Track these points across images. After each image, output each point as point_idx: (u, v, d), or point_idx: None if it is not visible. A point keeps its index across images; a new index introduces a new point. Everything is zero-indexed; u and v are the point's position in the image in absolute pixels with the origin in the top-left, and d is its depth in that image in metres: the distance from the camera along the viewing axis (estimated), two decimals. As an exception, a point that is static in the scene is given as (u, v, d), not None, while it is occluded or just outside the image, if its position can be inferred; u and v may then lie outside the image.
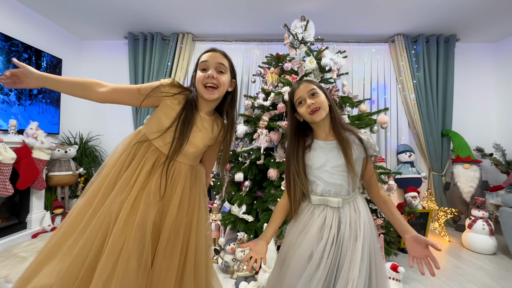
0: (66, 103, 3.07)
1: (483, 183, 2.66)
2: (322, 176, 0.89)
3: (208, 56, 0.93)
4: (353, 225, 0.84)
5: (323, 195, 0.88)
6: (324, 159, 0.89)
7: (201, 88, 0.93)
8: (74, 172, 2.80)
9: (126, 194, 0.85)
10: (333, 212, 0.86)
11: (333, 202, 0.86)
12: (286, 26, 2.38)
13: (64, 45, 3.10)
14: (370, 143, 0.91)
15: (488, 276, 1.81)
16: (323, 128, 0.94)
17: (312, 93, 0.91)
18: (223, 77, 0.94)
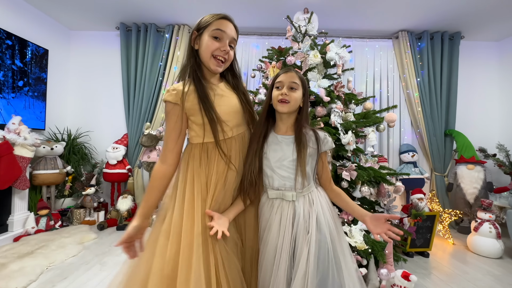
0: (53, 97, 2.89)
1: (488, 184, 2.60)
2: (278, 171, 0.91)
3: (226, 27, 0.89)
4: (306, 218, 0.87)
5: (279, 189, 0.91)
6: (281, 154, 0.91)
7: (208, 57, 0.89)
8: (61, 171, 2.63)
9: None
10: (288, 206, 0.89)
11: (288, 195, 0.89)
12: (289, 18, 2.25)
13: (52, 35, 2.91)
14: (326, 140, 0.94)
15: (498, 282, 1.74)
16: (285, 122, 0.95)
17: (291, 86, 0.91)
18: (231, 52, 0.93)
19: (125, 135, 3.01)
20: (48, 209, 2.48)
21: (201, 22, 0.90)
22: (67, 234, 2.30)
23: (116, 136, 3.04)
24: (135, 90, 2.94)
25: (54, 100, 2.91)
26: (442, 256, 2.15)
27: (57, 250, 1.98)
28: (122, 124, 3.10)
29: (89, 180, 2.81)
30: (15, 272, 1.63)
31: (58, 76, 2.96)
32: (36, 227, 2.36)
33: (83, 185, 2.77)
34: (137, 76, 2.94)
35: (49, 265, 1.78)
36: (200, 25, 0.89)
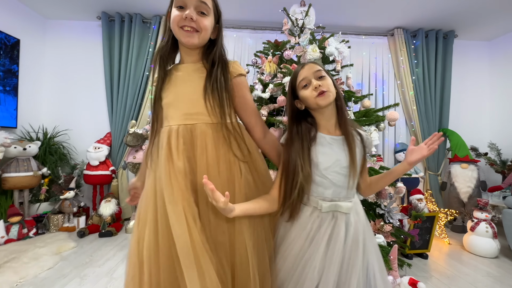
0: (25, 92, 2.63)
1: (481, 183, 2.60)
2: (330, 178, 0.78)
3: None
4: (355, 230, 0.78)
5: (333, 200, 0.79)
6: (334, 158, 0.79)
7: (177, 30, 0.77)
8: (35, 173, 2.39)
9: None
10: (343, 219, 0.78)
11: (343, 207, 0.77)
12: (285, 10, 2.13)
13: (24, 23, 2.64)
14: (369, 141, 0.86)
15: (498, 284, 1.71)
16: (329, 118, 0.83)
17: (319, 75, 0.80)
18: (205, 20, 0.76)
19: (108, 133, 2.79)
20: (20, 215, 2.24)
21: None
22: (42, 244, 2.08)
23: (98, 135, 2.82)
24: (119, 85, 2.73)
25: (27, 96, 2.65)
26: (440, 257, 2.12)
27: (30, 263, 1.77)
28: (104, 122, 2.88)
29: (68, 183, 2.58)
30: (-22, 291, 1.42)
31: (31, 69, 2.70)
32: (6, 236, 2.12)
33: (61, 188, 2.54)
34: (121, 71, 2.73)
35: (19, 281, 1.58)
36: (170, 2, 0.80)
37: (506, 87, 3.02)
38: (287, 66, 1.80)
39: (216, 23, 0.82)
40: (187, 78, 0.80)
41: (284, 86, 1.76)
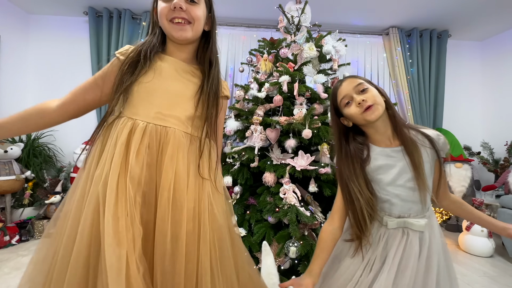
0: (6, 90, 2.49)
1: (475, 182, 2.62)
2: (396, 193, 0.71)
3: None
4: (429, 250, 0.71)
5: (401, 216, 0.72)
6: (396, 171, 0.72)
7: (166, 24, 0.67)
8: (18, 177, 2.27)
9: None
10: (417, 236, 0.71)
11: (416, 225, 0.70)
12: (281, 7, 2.08)
13: (5, 18, 2.49)
14: (442, 142, 0.74)
15: (495, 283, 1.71)
16: (384, 130, 0.75)
17: (360, 89, 0.73)
18: (196, 9, 0.67)
19: (96, 134, 2.68)
20: (1, 222, 2.12)
21: None
22: (26, 252, 1.97)
23: (86, 136, 2.69)
24: (107, 84, 2.62)
25: (8, 94, 2.51)
26: (437, 257, 2.11)
27: (12, 273, 1.66)
28: (92, 122, 2.75)
29: (54, 187, 2.46)
30: (-48, 306, 1.32)
31: (13, 66, 2.56)
32: (-14, 244, 2.00)
33: (47, 192, 2.41)
34: (109, 68, 2.61)
35: (-1, 293, 1.48)
36: None
37: (498, 87, 3.06)
38: (283, 65, 1.75)
39: (208, 12, 0.72)
40: (175, 75, 0.70)
41: (280, 85, 1.71)
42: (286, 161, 1.60)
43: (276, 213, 1.43)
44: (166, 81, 0.68)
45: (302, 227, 1.45)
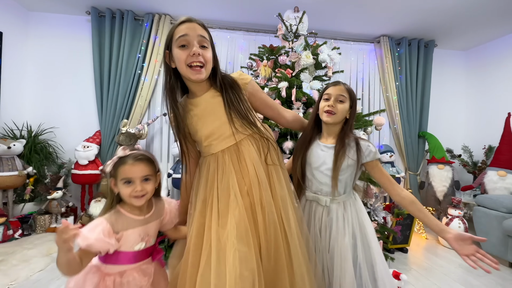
0: (8, 88, 2.51)
1: (455, 182, 2.83)
2: (317, 176, 0.98)
3: (187, 29, 0.80)
4: (340, 223, 0.94)
5: (316, 193, 1.00)
6: (321, 161, 0.97)
7: (185, 69, 0.82)
8: (20, 172, 2.31)
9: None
10: (323, 209, 0.97)
11: (321, 200, 0.97)
12: (280, 16, 2.20)
13: (6, 15, 2.51)
14: (368, 151, 0.95)
15: (469, 274, 1.91)
16: (330, 132, 1.01)
17: (339, 99, 0.97)
18: (207, 53, 0.83)
19: (97, 132, 2.74)
20: (5, 216, 2.17)
21: (167, 38, 0.84)
22: (30, 245, 2.04)
23: (86, 133, 2.75)
24: (109, 83, 2.68)
25: (10, 91, 2.53)
26: (418, 251, 2.30)
27: (20, 265, 1.74)
28: (93, 120, 2.81)
29: (55, 182, 2.51)
30: (-32, 295, 1.39)
31: (13, 63, 2.58)
32: (-9, 238, 2.05)
33: (48, 188, 2.47)
34: (111, 68, 2.67)
35: (10, 283, 1.55)
36: (167, 42, 0.84)
37: (480, 94, 3.28)
38: (282, 71, 1.87)
39: (213, 51, 0.87)
40: (211, 108, 0.87)
41: (279, 90, 1.83)
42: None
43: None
44: (212, 118, 0.87)
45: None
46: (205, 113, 0.87)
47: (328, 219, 0.95)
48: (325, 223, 0.95)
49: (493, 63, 3.14)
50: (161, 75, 2.85)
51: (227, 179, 0.83)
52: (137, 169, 0.78)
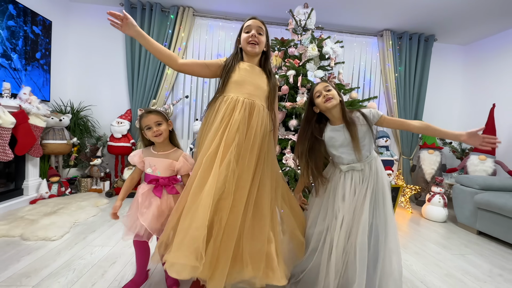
0: (56, 70, 2.93)
1: (442, 166, 3.16)
2: (343, 151, 1.22)
3: (251, 22, 1.25)
4: (366, 182, 1.19)
5: (349, 163, 1.22)
6: (342, 138, 1.21)
7: (245, 45, 1.24)
8: (68, 141, 2.77)
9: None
10: (359, 173, 1.21)
11: (357, 167, 1.21)
12: (291, 12, 2.51)
13: (54, 6, 2.89)
14: (371, 114, 1.21)
15: (440, 236, 2.28)
16: (335, 115, 1.23)
17: (327, 89, 1.21)
18: (261, 37, 1.25)
19: (128, 110, 3.16)
20: (58, 176, 2.65)
21: (240, 29, 1.28)
22: (81, 199, 2.51)
23: (117, 111, 3.18)
24: (139, 68, 3.07)
25: (58, 73, 2.96)
26: (403, 221, 2.68)
27: (78, 211, 2.21)
28: (124, 100, 3.23)
29: (94, 152, 2.97)
30: (48, 225, 1.86)
31: (60, 49, 2.99)
32: (49, 192, 2.54)
33: (87, 156, 2.93)
34: (141, 55, 3.05)
35: (75, 222, 2.02)
36: (240, 31, 1.28)
37: (475, 87, 3.52)
38: (291, 61, 2.22)
39: (266, 40, 1.28)
40: (254, 73, 1.26)
41: (287, 77, 2.18)
42: (288, 137, 2.11)
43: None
44: (250, 77, 1.24)
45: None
46: (248, 72, 1.25)
47: (364, 178, 1.18)
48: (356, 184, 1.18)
49: (491, 57, 3.36)
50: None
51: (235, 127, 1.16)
52: (150, 118, 1.19)
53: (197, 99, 3.30)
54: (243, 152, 1.14)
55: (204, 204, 1.01)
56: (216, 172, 1.06)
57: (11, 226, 1.83)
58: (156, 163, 1.22)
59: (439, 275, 1.61)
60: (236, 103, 1.18)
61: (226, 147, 1.11)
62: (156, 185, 1.20)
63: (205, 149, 1.13)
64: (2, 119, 2.00)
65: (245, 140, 1.15)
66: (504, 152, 3.01)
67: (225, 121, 1.16)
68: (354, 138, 1.16)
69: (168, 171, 1.23)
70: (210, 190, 1.03)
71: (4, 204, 2.16)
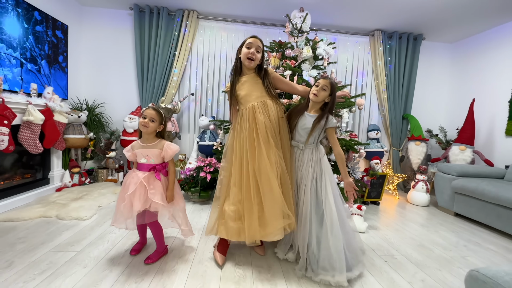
0: (72, 71, 3.18)
1: (428, 156, 3.44)
2: (300, 132, 1.55)
3: (253, 40, 1.52)
4: (309, 162, 1.52)
5: (297, 141, 1.57)
6: (304, 123, 1.53)
7: (245, 59, 1.51)
8: (86, 136, 3.05)
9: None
10: (300, 152, 1.56)
11: (299, 146, 1.55)
12: (288, 16, 2.75)
13: (68, 11, 3.12)
14: (331, 121, 1.49)
15: (420, 218, 2.58)
16: (313, 107, 1.55)
17: (323, 88, 1.47)
18: (258, 54, 1.53)
19: (138, 107, 3.42)
20: (79, 167, 2.93)
21: (242, 43, 1.54)
22: (101, 188, 2.81)
23: (128, 108, 3.44)
24: (148, 68, 3.32)
25: (74, 73, 3.21)
26: (389, 205, 2.97)
27: (100, 197, 2.50)
28: (134, 97, 3.49)
29: (108, 146, 3.25)
30: (77, 208, 2.15)
31: (75, 51, 3.24)
32: (72, 181, 2.83)
33: (102, 150, 3.22)
34: (150, 56, 3.30)
35: (99, 205, 2.32)
36: (241, 44, 1.54)
37: (461, 82, 3.78)
38: (287, 63, 2.47)
39: (262, 57, 1.54)
40: (252, 82, 1.54)
41: (284, 76, 2.43)
42: (286, 130, 2.38)
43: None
44: (251, 87, 1.52)
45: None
46: (247, 83, 1.54)
47: (302, 157, 1.54)
48: (299, 160, 1.55)
49: (474, 55, 3.60)
50: (190, 61, 3.47)
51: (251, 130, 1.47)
52: (149, 112, 1.44)
53: (201, 96, 3.56)
54: (274, 138, 1.48)
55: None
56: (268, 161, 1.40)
57: (46, 208, 2.12)
58: (149, 153, 1.47)
59: (413, 246, 1.91)
60: (254, 109, 1.49)
61: (264, 142, 1.44)
62: (155, 171, 1.46)
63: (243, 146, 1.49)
64: (34, 116, 2.27)
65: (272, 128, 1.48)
66: (483, 143, 3.29)
67: (253, 123, 1.47)
68: (312, 128, 1.49)
69: (159, 158, 1.49)
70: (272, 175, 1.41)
71: (35, 191, 2.46)
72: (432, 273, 1.54)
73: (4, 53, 2.21)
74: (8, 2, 2.23)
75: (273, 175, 1.40)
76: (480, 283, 0.82)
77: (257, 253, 1.64)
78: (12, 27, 2.29)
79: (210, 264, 1.50)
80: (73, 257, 1.48)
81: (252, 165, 1.44)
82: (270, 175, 1.40)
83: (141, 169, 1.45)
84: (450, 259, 1.72)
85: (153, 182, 1.43)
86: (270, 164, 1.41)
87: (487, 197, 2.26)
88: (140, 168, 1.46)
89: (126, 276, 1.33)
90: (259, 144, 1.44)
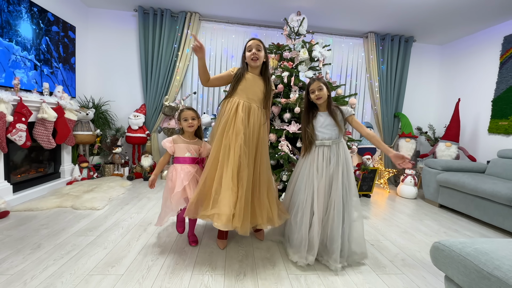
0: (80, 70, 3.32)
1: (417, 152, 3.65)
2: (322, 130, 1.62)
3: (251, 42, 1.64)
4: (337, 157, 1.58)
5: (322, 140, 1.61)
6: (322, 121, 1.63)
7: (249, 61, 1.64)
8: (93, 133, 3.20)
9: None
10: (328, 149, 1.60)
11: (326, 143, 1.60)
12: (286, 20, 2.92)
13: (75, 12, 3.25)
14: (346, 111, 1.64)
15: (407, 209, 2.79)
16: (322, 106, 1.66)
17: (319, 88, 1.59)
18: (260, 53, 1.64)
19: (143, 105, 3.57)
20: (87, 162, 3.09)
21: (244, 47, 1.68)
22: (109, 181, 2.97)
23: (132, 106, 3.60)
24: (152, 67, 3.47)
25: (81, 72, 3.35)
26: (380, 198, 3.18)
27: (109, 190, 2.67)
28: (138, 96, 3.64)
29: (114, 142, 3.41)
30: (90, 199, 2.32)
31: (82, 51, 3.37)
32: (81, 175, 2.99)
33: (108, 146, 3.37)
34: (153, 56, 3.45)
35: (109, 197, 2.48)
36: (244, 49, 1.68)
37: (449, 82, 3.98)
38: (285, 64, 2.64)
39: (265, 53, 1.67)
40: (254, 81, 1.67)
41: (282, 78, 2.61)
42: (283, 127, 2.56)
43: (276, 157, 2.42)
44: (251, 84, 1.65)
45: (290, 165, 2.45)
46: (251, 82, 1.65)
47: (329, 154, 1.57)
48: (326, 158, 1.57)
49: (462, 56, 3.80)
50: (192, 61, 3.62)
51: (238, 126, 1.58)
52: (188, 113, 1.63)
53: (203, 95, 3.72)
54: (247, 139, 1.58)
55: (228, 175, 1.49)
56: (233, 152, 1.52)
57: (61, 199, 2.29)
58: (191, 148, 1.66)
59: (397, 232, 2.11)
60: (238, 104, 1.60)
61: (237, 135, 1.55)
62: (199, 163, 1.67)
63: (220, 136, 1.58)
64: (48, 114, 2.42)
65: (248, 130, 1.60)
66: (468, 140, 3.50)
67: (233, 116, 1.59)
68: (336, 122, 1.59)
69: (197, 153, 1.69)
70: (233, 164, 1.50)
71: (48, 184, 2.61)
72: (412, 254, 1.74)
73: (20, 56, 2.35)
74: (22, 5, 2.37)
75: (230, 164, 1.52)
76: (440, 251, 1.02)
77: (257, 238, 1.83)
78: (26, 30, 2.42)
79: (216, 246, 1.69)
80: (93, 240, 1.66)
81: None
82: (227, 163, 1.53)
83: (185, 162, 1.63)
84: (429, 243, 1.93)
85: (199, 173, 1.64)
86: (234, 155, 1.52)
87: (467, 189, 2.47)
88: (183, 161, 1.63)
89: (142, 256, 1.51)
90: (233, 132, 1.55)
